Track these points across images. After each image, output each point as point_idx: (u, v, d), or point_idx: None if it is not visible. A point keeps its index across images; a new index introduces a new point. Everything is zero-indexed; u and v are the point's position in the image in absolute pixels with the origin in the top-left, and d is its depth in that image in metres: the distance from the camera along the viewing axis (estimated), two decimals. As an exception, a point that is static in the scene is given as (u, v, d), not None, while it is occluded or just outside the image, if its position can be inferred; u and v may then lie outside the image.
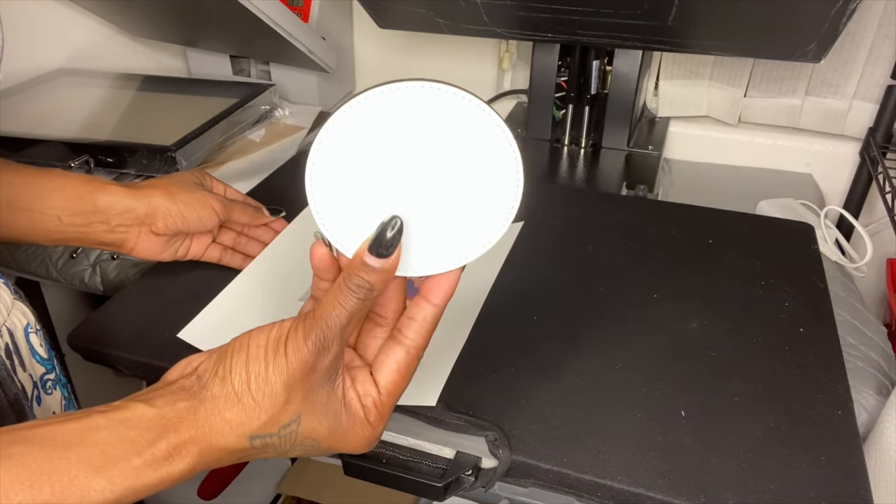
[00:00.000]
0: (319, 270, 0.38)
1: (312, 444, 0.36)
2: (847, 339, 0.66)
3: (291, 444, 0.35)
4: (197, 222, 0.58)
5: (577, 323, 0.57)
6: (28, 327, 0.46)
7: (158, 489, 0.32)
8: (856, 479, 0.44)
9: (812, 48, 0.74)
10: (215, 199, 0.58)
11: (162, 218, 0.56)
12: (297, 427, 0.35)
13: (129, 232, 0.56)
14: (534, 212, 0.72)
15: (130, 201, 0.55)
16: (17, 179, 0.53)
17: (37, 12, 0.96)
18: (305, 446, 0.36)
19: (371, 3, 0.90)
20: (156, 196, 0.56)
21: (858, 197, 0.96)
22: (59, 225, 0.54)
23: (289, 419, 0.34)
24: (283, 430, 0.34)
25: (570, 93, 0.97)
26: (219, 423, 0.33)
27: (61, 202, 0.54)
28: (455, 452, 0.48)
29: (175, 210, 0.56)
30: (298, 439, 0.35)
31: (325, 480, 1.10)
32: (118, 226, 0.55)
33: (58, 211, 0.53)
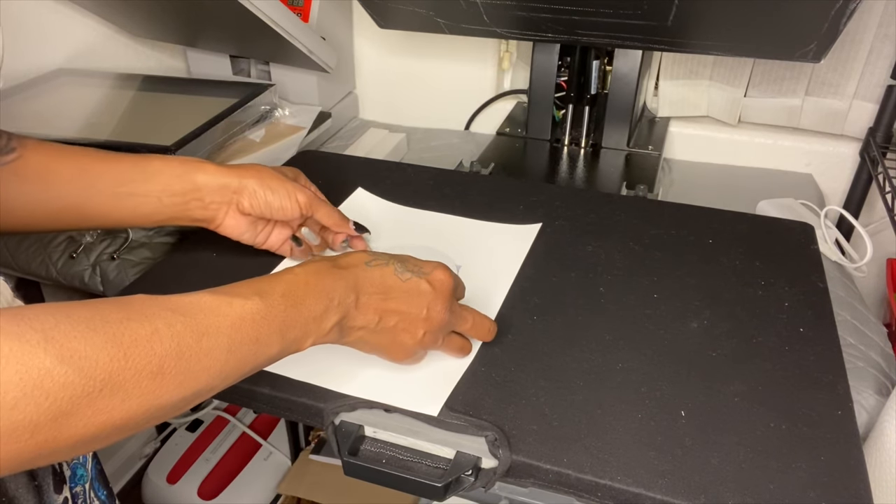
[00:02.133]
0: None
1: (404, 258, 0.50)
2: (847, 339, 0.66)
3: (388, 259, 0.49)
4: (279, 210, 0.60)
5: (577, 323, 0.57)
6: None
7: (328, 273, 0.46)
8: (856, 479, 0.44)
9: (812, 48, 0.74)
10: (302, 194, 0.60)
11: (248, 197, 0.59)
12: (382, 255, 0.50)
13: (220, 209, 0.59)
14: (534, 212, 0.72)
15: (225, 178, 0.59)
16: (117, 167, 0.56)
17: (37, 12, 0.96)
18: (398, 259, 0.50)
19: (371, 3, 0.90)
20: (247, 176, 0.59)
21: (858, 197, 0.96)
22: (158, 206, 0.57)
23: (376, 255, 0.50)
24: (385, 257, 0.50)
25: (570, 93, 0.97)
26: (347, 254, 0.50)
27: (161, 185, 0.57)
28: (455, 452, 0.48)
29: (261, 193, 0.59)
30: (391, 255, 0.50)
31: (325, 480, 1.10)
32: (211, 202, 0.59)
33: (158, 193, 0.57)
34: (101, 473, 0.53)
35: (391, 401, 0.49)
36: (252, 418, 1.27)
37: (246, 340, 0.40)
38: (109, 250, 0.78)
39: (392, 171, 0.82)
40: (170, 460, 1.21)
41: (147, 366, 0.34)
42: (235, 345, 0.39)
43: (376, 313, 0.47)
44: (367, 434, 0.50)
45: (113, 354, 0.33)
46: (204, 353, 0.37)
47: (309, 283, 0.45)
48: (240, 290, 0.42)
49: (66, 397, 0.31)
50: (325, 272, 0.46)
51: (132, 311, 0.36)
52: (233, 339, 0.39)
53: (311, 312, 0.44)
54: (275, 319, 0.42)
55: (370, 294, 0.47)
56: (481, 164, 0.92)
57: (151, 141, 0.80)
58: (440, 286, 0.50)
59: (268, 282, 0.43)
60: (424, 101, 1.13)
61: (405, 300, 0.48)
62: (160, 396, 0.35)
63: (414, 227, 0.71)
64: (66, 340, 0.32)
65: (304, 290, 0.44)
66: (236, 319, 0.40)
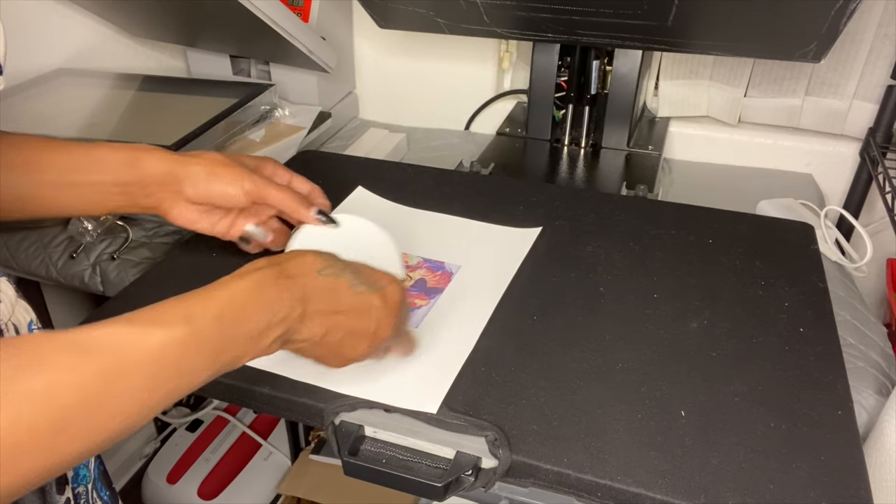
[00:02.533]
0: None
1: (358, 268, 0.48)
2: (847, 339, 0.66)
3: (343, 266, 0.47)
4: (222, 196, 0.57)
5: (577, 323, 0.57)
6: (31, 323, 0.46)
7: (275, 284, 0.42)
8: (856, 479, 0.44)
9: (812, 48, 0.74)
10: (249, 181, 0.56)
11: (191, 185, 0.56)
12: (336, 262, 0.46)
13: (165, 197, 0.56)
14: (534, 212, 0.72)
15: (170, 166, 0.56)
16: (64, 156, 0.55)
17: (37, 12, 0.96)
18: (353, 269, 0.47)
19: (371, 3, 0.90)
20: (194, 164, 0.56)
21: (858, 197, 0.96)
22: (104, 196, 0.55)
23: (334, 260, 0.47)
24: (334, 261, 0.46)
25: (570, 93, 0.97)
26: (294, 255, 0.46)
27: (106, 174, 0.55)
28: (455, 452, 0.48)
29: (204, 179, 0.56)
30: (345, 264, 0.47)
31: (325, 480, 1.10)
32: (156, 191, 0.56)
33: (103, 183, 0.55)
34: (104, 474, 0.53)
35: (390, 400, 0.49)
36: (252, 418, 1.27)
37: (169, 375, 0.36)
38: (109, 250, 0.78)
39: (392, 171, 0.82)
40: (170, 460, 1.21)
41: (44, 422, 0.30)
42: (156, 383, 0.35)
43: (322, 327, 0.44)
44: (367, 434, 0.50)
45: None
46: (116, 397, 0.33)
47: (250, 298, 0.41)
48: (165, 314, 0.37)
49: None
50: (270, 282, 0.42)
51: (25, 358, 0.31)
52: (153, 377, 0.35)
53: (249, 331, 0.40)
54: (205, 347, 0.37)
55: (318, 307, 0.44)
56: (481, 164, 0.92)
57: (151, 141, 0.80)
58: (391, 303, 0.48)
59: (200, 301, 0.39)
60: (424, 101, 1.13)
61: (354, 316, 0.46)
62: (63, 451, 0.32)
63: (413, 228, 0.71)
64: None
65: (243, 307, 0.40)
66: (157, 354, 0.35)
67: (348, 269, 0.47)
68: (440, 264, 0.65)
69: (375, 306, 0.47)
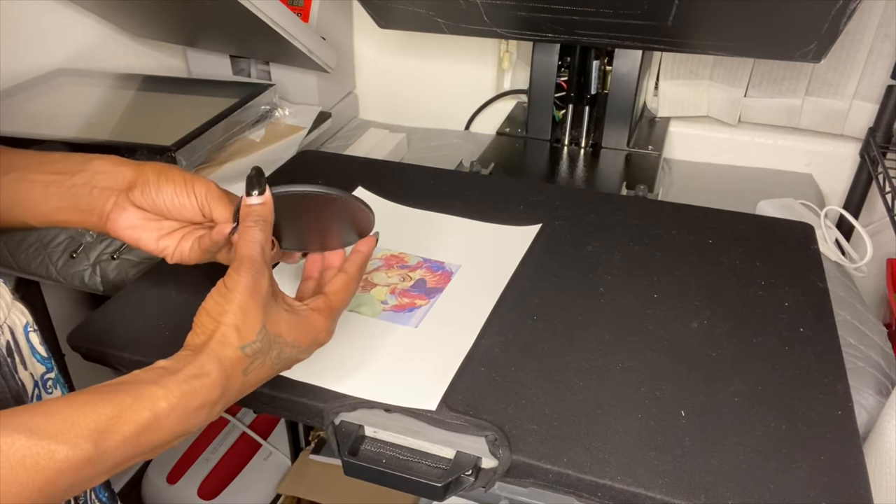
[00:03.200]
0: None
1: (285, 340, 0.45)
2: (847, 339, 0.66)
3: (270, 343, 0.44)
4: (171, 200, 0.52)
5: (577, 323, 0.57)
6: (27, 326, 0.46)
7: (205, 395, 0.40)
8: (856, 479, 0.44)
9: (812, 48, 0.74)
10: (203, 188, 0.52)
11: (140, 186, 0.52)
12: (265, 331, 0.43)
13: (109, 197, 0.52)
14: (534, 212, 0.72)
15: (121, 166, 0.52)
16: (10, 157, 0.52)
17: (37, 12, 0.96)
18: (281, 344, 0.44)
19: (371, 3, 0.90)
20: (148, 167, 0.52)
21: (858, 197, 0.96)
22: (44, 194, 0.51)
23: (258, 327, 0.43)
24: (259, 335, 0.43)
25: (570, 93, 0.97)
26: (218, 349, 0.42)
27: (50, 168, 0.52)
28: (455, 452, 0.48)
29: (155, 181, 0.52)
30: (273, 338, 0.44)
31: (325, 480, 1.10)
32: (103, 189, 0.52)
33: (45, 178, 0.51)
34: None
35: (389, 399, 0.49)
36: (252, 418, 1.27)
37: (62, 490, 0.34)
38: (109, 250, 0.78)
39: (392, 171, 0.82)
40: (170, 460, 1.21)
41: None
42: (43, 498, 0.33)
43: (240, 394, 0.44)
44: (367, 434, 0.50)
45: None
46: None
47: (170, 417, 0.38)
48: (72, 428, 0.34)
49: None
50: (199, 404, 0.40)
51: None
52: (40, 493, 0.33)
53: (160, 442, 0.38)
54: (108, 463, 0.36)
55: (253, 382, 0.44)
56: (481, 164, 0.92)
57: (151, 141, 0.80)
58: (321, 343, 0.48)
59: (115, 417, 0.36)
60: (424, 101, 1.13)
61: (279, 369, 0.46)
62: None
63: (413, 228, 0.71)
64: None
65: (160, 428, 0.38)
66: (54, 473, 0.33)
67: (273, 346, 0.44)
68: (440, 264, 0.65)
69: (301, 357, 0.47)
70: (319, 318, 0.47)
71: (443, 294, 0.61)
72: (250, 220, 0.46)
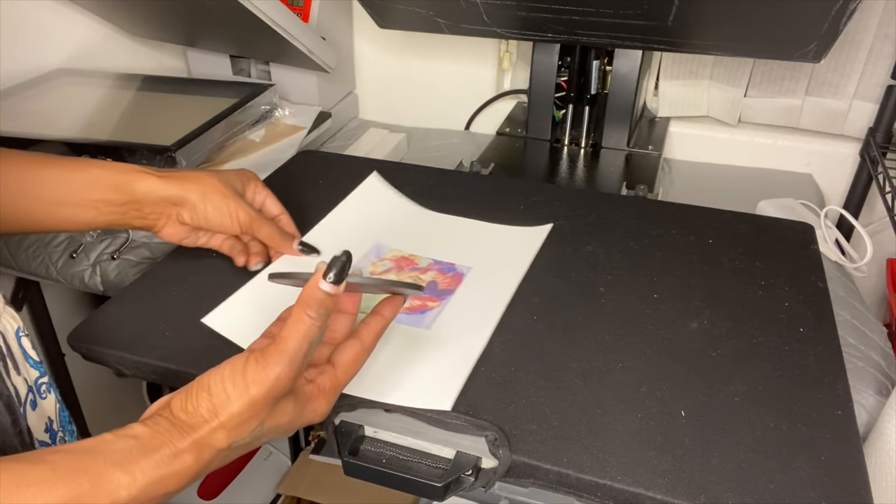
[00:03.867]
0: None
1: (279, 428, 0.42)
2: (847, 339, 0.66)
3: (261, 435, 0.41)
4: (218, 227, 0.60)
5: (577, 323, 0.57)
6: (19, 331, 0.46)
7: (172, 486, 0.37)
8: (856, 479, 0.44)
9: (812, 48, 0.74)
10: (244, 213, 0.59)
11: (189, 212, 0.59)
12: (262, 426, 0.40)
13: (160, 219, 0.59)
14: (534, 212, 0.72)
15: (165, 191, 0.58)
16: (56, 175, 0.55)
17: (37, 12, 0.96)
18: (273, 430, 0.42)
19: (371, 3, 0.90)
20: (190, 190, 0.58)
21: (858, 197, 0.96)
22: (97, 215, 0.57)
23: (255, 425, 0.40)
24: (253, 433, 0.40)
25: (570, 93, 0.97)
26: (202, 442, 0.39)
27: (100, 194, 0.56)
28: (455, 452, 0.48)
29: (202, 209, 0.58)
30: (266, 430, 0.41)
31: (325, 480, 1.10)
32: (151, 213, 0.58)
33: (96, 203, 0.56)
34: None
35: (403, 401, 0.49)
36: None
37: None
38: (109, 250, 0.78)
39: (392, 171, 0.82)
40: (170, 460, 1.20)
41: None
42: None
43: (227, 460, 0.41)
44: (367, 434, 0.50)
45: None
46: None
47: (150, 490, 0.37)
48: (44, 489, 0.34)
49: None
50: (163, 493, 0.37)
51: None
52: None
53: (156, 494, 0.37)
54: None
55: (236, 449, 0.41)
56: (481, 164, 0.92)
57: (151, 141, 0.80)
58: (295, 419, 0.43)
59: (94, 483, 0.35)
60: (424, 101, 1.13)
61: (273, 434, 0.43)
62: None
63: (423, 229, 0.70)
64: None
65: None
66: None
67: (256, 427, 0.40)
68: (451, 266, 0.64)
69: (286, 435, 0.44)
70: (322, 401, 0.43)
71: (454, 295, 0.60)
72: (312, 310, 0.40)
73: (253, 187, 0.63)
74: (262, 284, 0.61)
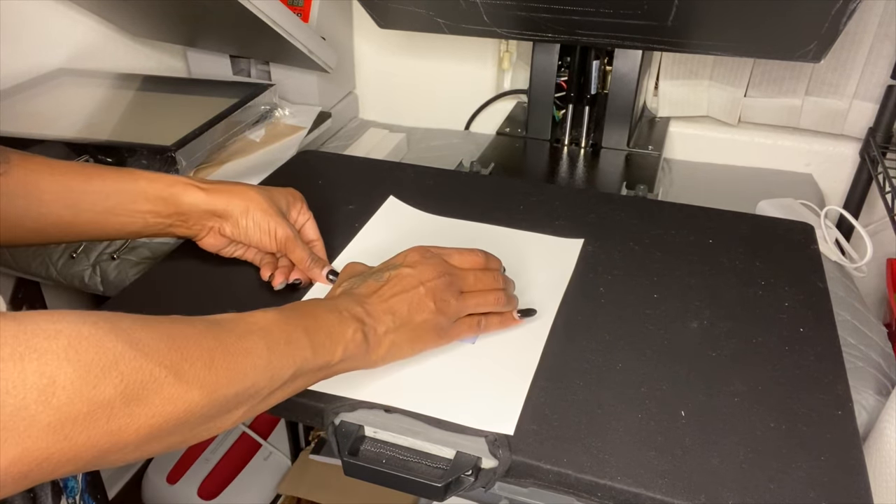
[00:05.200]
0: None
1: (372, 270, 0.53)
2: (847, 339, 0.66)
3: (363, 277, 0.52)
4: (257, 242, 0.62)
5: (577, 323, 0.57)
6: None
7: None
8: (856, 479, 0.44)
9: (812, 48, 0.74)
10: (283, 232, 0.61)
11: (231, 226, 0.61)
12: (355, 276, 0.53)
13: (203, 230, 0.61)
14: (534, 212, 0.72)
15: (211, 204, 0.60)
16: (102, 186, 0.57)
17: (37, 12, 0.96)
18: (370, 273, 0.53)
19: (371, 3, 0.90)
20: (235, 205, 0.60)
21: (858, 197, 0.96)
22: (144, 226, 0.59)
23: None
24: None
25: (570, 93, 0.97)
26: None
27: (148, 206, 0.58)
28: (455, 452, 0.48)
29: (244, 224, 0.61)
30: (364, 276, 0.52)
31: (325, 480, 1.10)
32: (195, 224, 0.61)
33: (144, 214, 0.58)
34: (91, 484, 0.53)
35: (466, 421, 0.48)
36: (252, 418, 1.27)
37: (280, 341, 0.42)
38: (109, 250, 0.78)
39: (392, 171, 0.82)
40: (170, 460, 1.21)
41: (200, 357, 0.37)
42: (272, 344, 0.41)
43: (386, 312, 0.49)
44: (367, 434, 0.50)
45: (170, 345, 0.35)
46: (246, 351, 0.39)
47: (312, 303, 0.47)
48: (252, 311, 0.43)
49: (138, 381, 0.33)
50: (320, 301, 0.49)
51: (175, 318, 0.38)
52: (268, 339, 0.41)
53: (327, 321, 0.46)
54: (297, 324, 0.44)
55: (370, 300, 0.49)
56: (481, 164, 0.92)
57: (151, 141, 0.80)
58: (416, 261, 0.52)
59: (273, 307, 0.45)
60: (424, 101, 1.13)
61: (399, 286, 0.50)
62: (216, 389, 0.37)
63: (452, 239, 0.68)
64: (132, 331, 0.34)
65: (313, 307, 0.47)
66: (264, 324, 0.42)
67: (367, 275, 0.52)
68: None
69: (407, 274, 0.51)
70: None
71: None
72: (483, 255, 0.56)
73: (298, 208, 0.65)
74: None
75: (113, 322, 0.34)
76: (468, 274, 0.53)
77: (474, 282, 0.53)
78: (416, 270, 0.51)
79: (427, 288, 0.50)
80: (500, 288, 0.55)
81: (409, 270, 0.51)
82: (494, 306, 0.54)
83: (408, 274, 0.51)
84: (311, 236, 0.65)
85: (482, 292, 0.54)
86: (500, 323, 0.55)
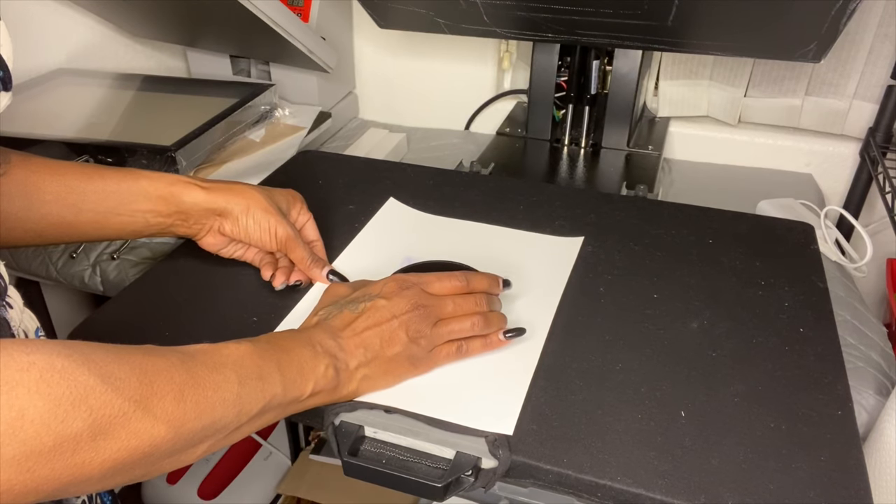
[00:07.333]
0: None
1: (353, 296, 0.52)
2: (847, 339, 0.66)
3: (341, 306, 0.52)
4: (257, 241, 0.62)
5: (577, 323, 0.57)
6: (38, 330, 0.46)
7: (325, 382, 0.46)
8: (856, 479, 0.44)
9: (812, 48, 0.74)
10: (283, 231, 0.61)
11: (231, 225, 0.61)
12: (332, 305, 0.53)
13: (203, 228, 0.62)
14: (534, 212, 0.72)
15: (211, 203, 0.60)
16: (103, 186, 0.57)
17: (37, 12, 0.96)
18: (348, 301, 0.52)
19: (371, 3, 0.90)
20: (235, 203, 0.60)
21: (858, 197, 0.96)
22: (145, 225, 0.59)
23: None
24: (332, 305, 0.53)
25: (570, 93, 0.97)
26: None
27: (149, 205, 0.58)
28: (455, 452, 0.48)
29: (244, 223, 0.61)
30: (343, 304, 0.52)
31: (325, 480, 1.10)
32: (195, 223, 0.61)
33: (145, 213, 0.58)
34: None
35: (464, 421, 0.48)
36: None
37: (251, 375, 0.42)
38: (109, 250, 0.78)
39: (392, 171, 0.82)
40: (170, 460, 1.20)
41: (170, 392, 0.36)
42: (244, 378, 0.41)
43: (358, 346, 0.49)
44: (367, 434, 0.50)
45: (141, 379, 0.35)
46: (216, 384, 0.40)
47: (287, 336, 0.48)
48: (227, 342, 0.44)
49: (106, 415, 0.33)
50: (295, 333, 0.49)
51: (148, 350, 0.38)
52: (240, 373, 0.41)
53: (300, 356, 0.46)
54: (271, 357, 0.44)
55: (343, 334, 0.49)
56: (481, 164, 0.92)
57: (151, 141, 0.80)
58: (392, 292, 0.51)
59: (248, 338, 0.45)
60: (424, 101, 1.13)
61: (372, 319, 0.50)
62: (183, 423, 0.37)
63: (452, 239, 0.69)
64: (104, 363, 0.34)
65: (288, 339, 0.47)
66: (237, 357, 0.42)
67: (344, 304, 0.52)
68: None
69: (382, 306, 0.50)
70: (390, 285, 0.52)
71: None
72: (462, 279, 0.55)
73: (298, 208, 0.65)
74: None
75: (86, 354, 0.34)
76: (447, 301, 0.52)
77: (454, 308, 0.52)
78: (391, 303, 0.50)
79: (400, 321, 0.50)
80: (481, 312, 0.53)
81: (384, 302, 0.50)
82: (471, 331, 0.52)
83: (382, 306, 0.50)
84: (311, 236, 0.65)
85: (459, 318, 0.52)
86: (484, 346, 0.53)
